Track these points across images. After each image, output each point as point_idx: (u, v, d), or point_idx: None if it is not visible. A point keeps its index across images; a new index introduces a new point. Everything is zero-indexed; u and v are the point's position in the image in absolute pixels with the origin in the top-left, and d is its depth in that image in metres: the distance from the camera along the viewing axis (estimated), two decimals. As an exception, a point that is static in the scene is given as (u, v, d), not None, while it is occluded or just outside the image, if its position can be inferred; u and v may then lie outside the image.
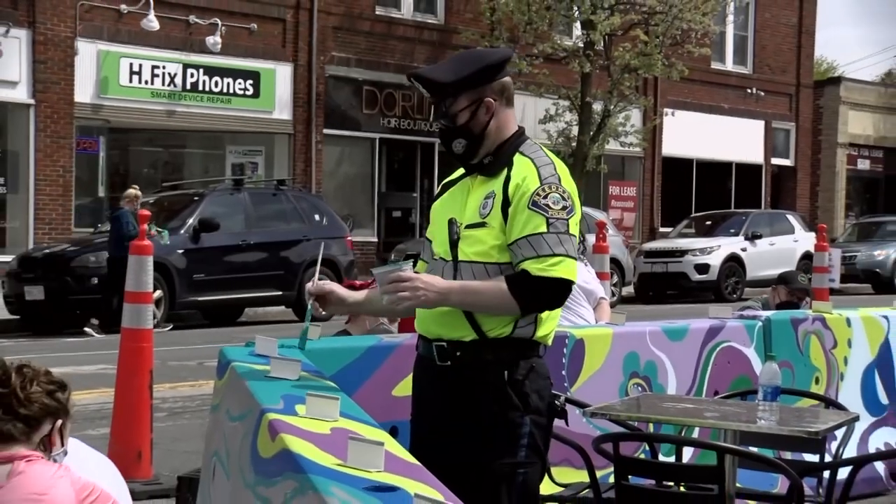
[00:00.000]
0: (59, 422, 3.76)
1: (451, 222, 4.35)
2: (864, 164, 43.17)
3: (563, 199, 4.24)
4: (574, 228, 4.26)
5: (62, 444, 3.85)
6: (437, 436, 4.37)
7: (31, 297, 18.56)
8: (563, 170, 4.35)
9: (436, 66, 4.78)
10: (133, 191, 19.26)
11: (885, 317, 8.88)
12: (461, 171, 4.56)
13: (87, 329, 17.84)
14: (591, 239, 13.46)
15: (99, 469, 4.43)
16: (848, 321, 8.57)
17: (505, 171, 4.32)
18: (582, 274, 7.30)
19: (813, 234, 24.08)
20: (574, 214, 4.27)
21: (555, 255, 4.17)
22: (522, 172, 4.29)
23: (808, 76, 40.80)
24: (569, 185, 4.31)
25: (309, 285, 4.67)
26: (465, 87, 4.34)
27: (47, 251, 19.79)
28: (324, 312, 4.82)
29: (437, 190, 4.72)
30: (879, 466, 8.23)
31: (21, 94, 23.77)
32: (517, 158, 4.34)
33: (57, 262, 18.77)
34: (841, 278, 23.85)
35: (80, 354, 14.79)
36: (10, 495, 3.45)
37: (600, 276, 11.50)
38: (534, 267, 4.17)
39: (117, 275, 18.91)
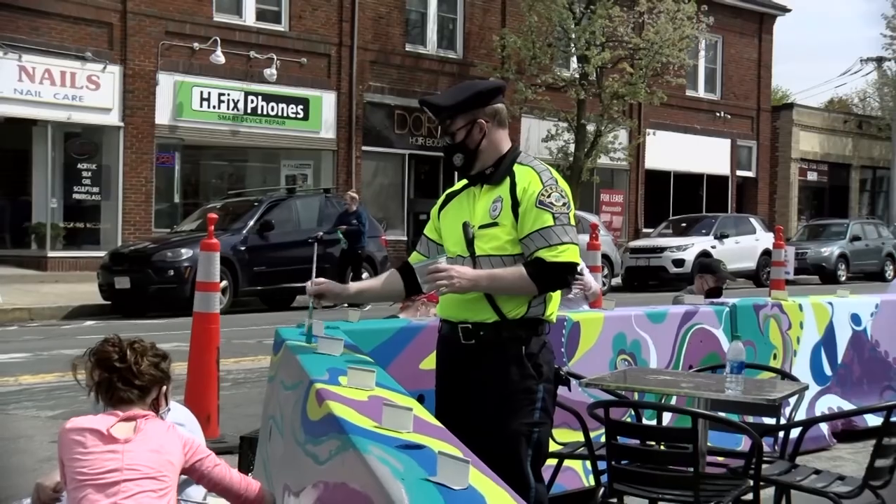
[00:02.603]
0: (164, 387, 3.86)
1: (466, 225, 4.40)
2: (812, 176, 43.12)
3: (562, 196, 4.36)
4: (573, 220, 4.38)
5: (166, 404, 4.00)
6: (460, 403, 4.39)
7: (120, 286, 18.61)
8: (557, 175, 4.46)
9: (439, 94, 4.90)
10: (354, 193, 20.30)
11: (830, 303, 8.92)
12: (462, 182, 4.63)
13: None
14: (585, 238, 13.40)
15: (189, 420, 4.51)
16: (800, 307, 8.59)
17: (508, 180, 4.39)
18: None
19: (771, 235, 23.95)
20: (571, 209, 4.38)
21: (562, 243, 4.28)
22: (526, 178, 4.37)
23: (766, 102, 40.79)
24: (564, 185, 4.43)
25: (307, 285, 4.69)
26: (461, 111, 4.44)
27: (133, 248, 19.84)
28: (324, 305, 4.85)
29: (439, 199, 4.75)
30: (824, 427, 8.30)
31: (113, 119, 23.89)
32: (517, 168, 4.42)
33: (140, 257, 18.81)
34: (794, 271, 23.72)
35: (159, 334, 14.80)
36: (139, 447, 3.52)
37: (593, 269, 11.50)
38: (547, 255, 4.26)
39: (352, 263, 19.31)
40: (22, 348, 13.92)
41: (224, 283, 17.29)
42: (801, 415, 6.71)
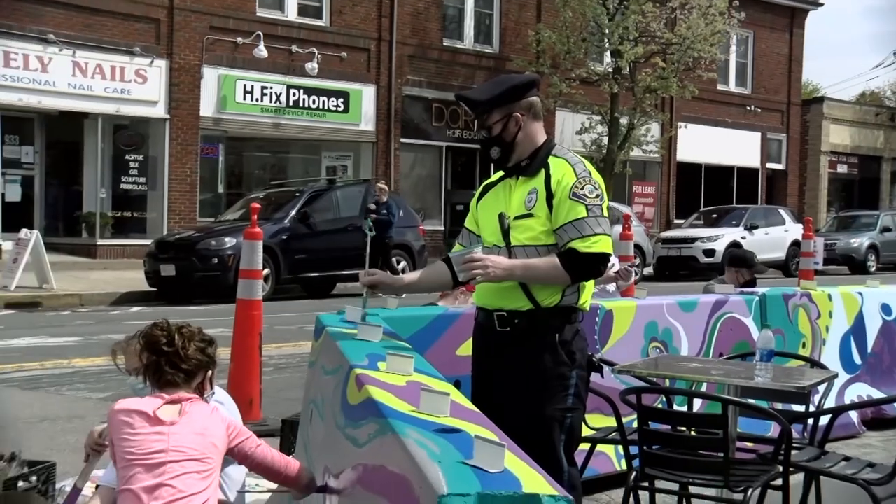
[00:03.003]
0: (210, 372, 3.89)
1: (502, 216, 4.40)
2: (842, 168, 42.72)
3: (596, 188, 4.33)
4: (606, 212, 4.35)
5: (211, 388, 4.04)
6: (496, 389, 4.40)
7: (166, 274, 18.72)
8: (591, 167, 4.43)
9: (475, 88, 4.88)
10: (383, 184, 20.60)
11: (860, 293, 8.85)
12: (499, 174, 4.61)
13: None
14: (617, 229, 13.36)
15: (227, 399, 4.57)
16: (829, 296, 8.52)
17: (543, 172, 4.38)
18: None
19: (800, 226, 23.79)
20: (605, 201, 4.36)
21: (595, 234, 4.27)
22: (560, 171, 4.35)
23: (796, 96, 40.42)
24: (598, 178, 4.40)
25: (361, 275, 4.69)
26: (497, 105, 4.42)
27: (178, 236, 19.95)
28: (380, 295, 4.85)
29: (477, 190, 4.74)
30: (853, 415, 8.24)
31: (160, 111, 24.05)
32: (552, 160, 4.40)
33: (185, 246, 18.91)
34: (823, 262, 23.55)
35: (203, 320, 14.86)
36: (184, 429, 3.55)
37: (625, 258, 11.47)
38: (580, 245, 4.24)
39: (380, 253, 19.44)
40: (74, 332, 14.06)
41: (266, 270, 17.33)
42: (830, 402, 6.68)
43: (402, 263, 20.87)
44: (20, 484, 5.09)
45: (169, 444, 3.51)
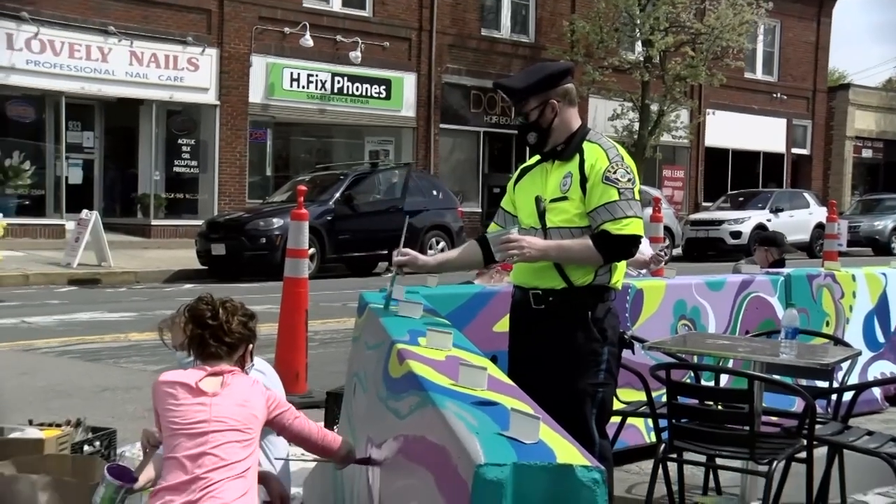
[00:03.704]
0: (251, 345, 3.86)
1: (538, 199, 4.41)
2: (867, 153, 42.21)
3: (628, 172, 4.32)
4: (637, 195, 4.34)
5: (251, 361, 3.99)
6: (531, 364, 4.40)
7: (216, 253, 18.83)
8: (623, 151, 4.42)
9: (512, 76, 4.88)
10: None
11: (884, 274, 8.77)
12: (535, 158, 4.60)
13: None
14: (648, 211, 13.29)
15: (269, 370, 4.56)
16: (853, 277, 8.45)
17: (577, 156, 4.37)
18: None
19: (824, 209, 23.58)
20: (636, 184, 4.34)
21: (626, 216, 4.26)
22: (594, 155, 4.34)
23: (822, 83, 39.94)
24: (630, 162, 4.39)
25: (394, 254, 4.69)
26: (533, 92, 4.41)
27: (228, 217, 20.03)
28: (406, 272, 4.83)
29: (514, 173, 4.73)
30: (876, 391, 8.19)
31: (210, 98, 24.16)
32: (586, 145, 4.38)
33: (235, 226, 18.99)
34: (847, 244, 23.31)
35: (252, 297, 14.96)
36: (225, 401, 3.54)
37: (655, 240, 11.42)
38: (612, 227, 4.24)
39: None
40: (130, 308, 14.18)
41: (312, 250, 17.38)
42: (853, 379, 6.63)
43: (441, 244, 20.88)
44: (86, 448, 5.17)
45: (211, 414, 3.50)
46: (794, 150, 38.80)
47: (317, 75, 25.88)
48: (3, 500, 4.47)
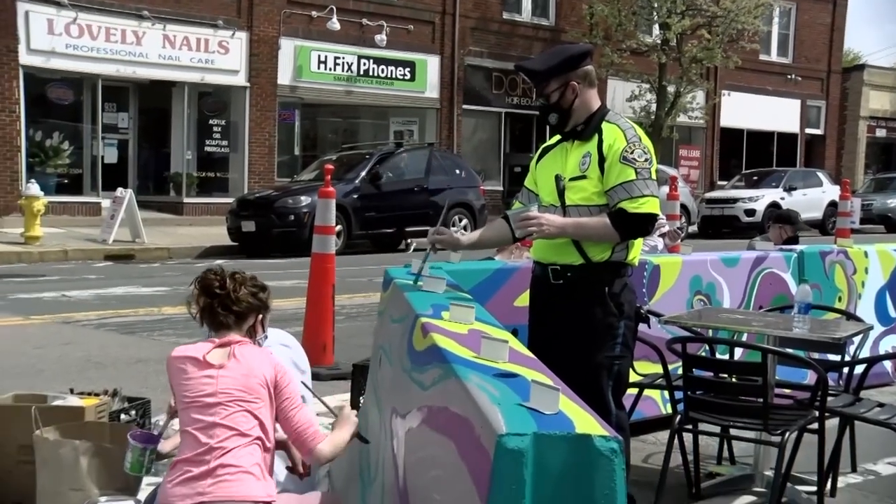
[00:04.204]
0: (261, 315, 3.81)
1: (558, 177, 4.40)
2: (881, 133, 41.72)
3: (645, 153, 4.30)
4: (654, 175, 4.32)
5: (263, 332, 3.93)
6: (550, 337, 4.41)
7: (247, 230, 18.88)
8: (641, 132, 4.41)
9: (533, 58, 4.86)
10: None
11: (896, 250, 8.71)
12: (556, 137, 4.59)
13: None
14: (665, 189, 13.24)
15: (294, 344, 4.54)
16: (866, 253, 8.40)
17: (596, 137, 4.35)
18: None
19: (837, 187, 23.41)
20: (653, 164, 4.32)
21: (643, 195, 4.25)
22: (612, 136, 4.33)
23: (837, 64, 39.55)
24: (647, 142, 4.37)
25: (429, 232, 4.69)
26: (554, 74, 4.40)
27: (257, 195, 20.07)
28: (438, 249, 4.83)
29: (536, 153, 4.72)
30: (887, 364, 8.17)
31: (240, 80, 24.18)
32: (605, 126, 4.37)
33: (265, 204, 19.03)
34: (860, 221, 23.13)
35: (281, 272, 15.03)
36: (232, 372, 3.51)
37: (672, 217, 11.38)
38: (629, 206, 4.23)
39: None
40: (163, 283, 14.26)
41: (339, 227, 17.43)
42: (864, 353, 6.59)
43: (464, 221, 20.86)
44: (122, 417, 5.21)
45: (218, 387, 3.47)
46: (808, 131, 38.51)
47: (343, 58, 25.85)
48: (49, 462, 4.54)
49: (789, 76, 37.19)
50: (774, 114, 36.41)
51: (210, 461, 3.38)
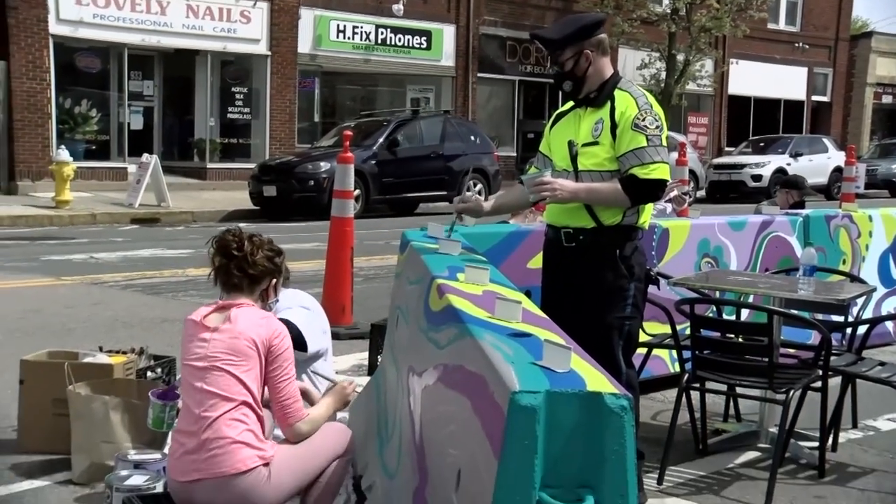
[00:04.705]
0: (274, 280, 3.73)
1: (571, 143, 4.39)
2: (887, 99, 41.22)
3: (656, 120, 4.28)
4: (664, 141, 4.29)
5: (275, 296, 3.81)
6: (562, 298, 4.41)
7: (268, 194, 18.89)
8: (652, 99, 4.38)
9: (548, 28, 4.83)
10: None
11: (900, 214, 8.67)
12: (570, 104, 4.57)
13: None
14: (674, 156, 13.17)
15: (314, 305, 4.52)
16: (870, 217, 8.36)
17: (609, 103, 4.33)
18: None
19: (842, 153, 23.26)
20: (664, 131, 4.30)
21: (654, 161, 4.23)
22: (624, 103, 4.30)
23: (845, 32, 39.07)
24: (658, 110, 4.34)
25: (455, 200, 4.74)
26: (569, 43, 4.37)
27: (278, 161, 20.06)
28: (464, 224, 4.84)
29: (549, 119, 4.70)
30: (889, 324, 8.17)
31: (262, 48, 24.09)
32: (617, 93, 4.34)
33: (285, 169, 19.03)
34: (865, 186, 22.93)
35: (301, 235, 15.06)
36: (224, 335, 3.43)
37: (680, 182, 11.32)
38: (639, 172, 4.21)
39: None
40: (187, 245, 14.29)
41: (357, 191, 17.38)
42: (867, 314, 6.57)
43: (479, 186, 20.82)
44: (148, 374, 5.25)
45: (208, 350, 3.40)
46: (815, 98, 38.20)
47: (361, 27, 25.73)
48: (82, 416, 4.59)
49: (797, 44, 36.84)
50: (782, 81, 36.12)
51: (199, 433, 3.31)
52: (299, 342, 4.33)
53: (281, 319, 3.72)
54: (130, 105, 22.64)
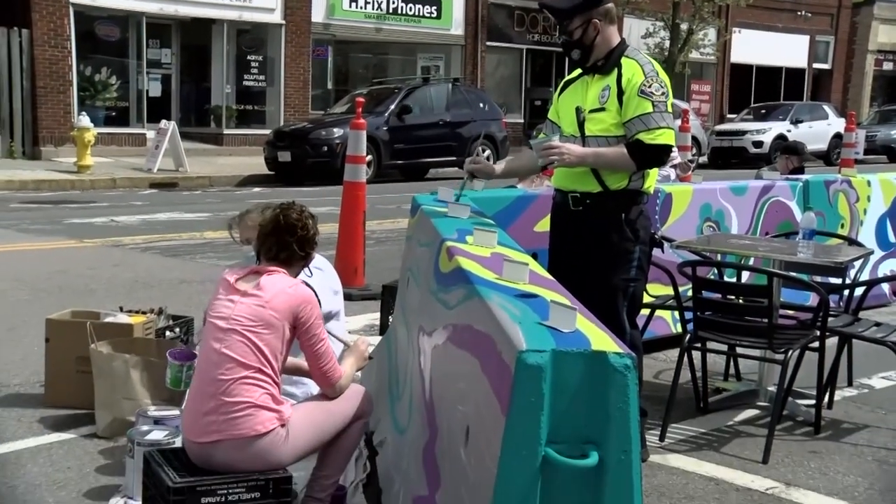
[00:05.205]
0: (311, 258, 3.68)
1: (578, 109, 4.37)
2: (888, 66, 40.74)
3: (662, 87, 4.26)
4: (670, 108, 4.27)
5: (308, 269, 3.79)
6: (569, 260, 4.41)
7: (283, 159, 18.85)
8: (658, 67, 4.36)
9: None
10: None
11: (898, 179, 8.64)
12: (577, 71, 4.54)
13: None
14: (677, 122, 13.12)
15: (327, 266, 4.52)
16: (868, 182, 8.33)
17: (616, 71, 4.31)
18: None
19: (842, 120, 23.08)
20: (669, 98, 4.28)
21: (659, 127, 4.21)
22: (631, 70, 4.28)
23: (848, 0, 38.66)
24: (664, 77, 4.32)
25: (466, 161, 4.72)
26: (577, 12, 4.34)
27: (293, 127, 20.00)
28: (473, 188, 4.81)
29: (558, 86, 4.68)
30: (885, 286, 8.16)
31: (276, 18, 23.96)
32: (624, 61, 4.32)
33: (299, 135, 18.97)
34: (864, 152, 22.78)
35: (314, 199, 15.03)
36: (251, 300, 3.36)
37: (683, 148, 11.28)
38: (645, 137, 4.20)
39: None
40: (205, 209, 14.31)
41: (369, 157, 17.32)
42: (864, 276, 6.57)
43: (487, 151, 20.74)
44: (167, 334, 5.27)
45: (233, 312, 3.34)
46: (816, 65, 37.85)
47: (374, -4, 25.62)
48: (104, 373, 4.63)
49: (799, 13, 36.46)
50: (783, 49, 35.80)
51: (217, 395, 3.27)
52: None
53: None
54: (149, 73, 22.58)
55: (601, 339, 2.38)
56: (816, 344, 4.95)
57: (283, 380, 3.53)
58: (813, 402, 5.16)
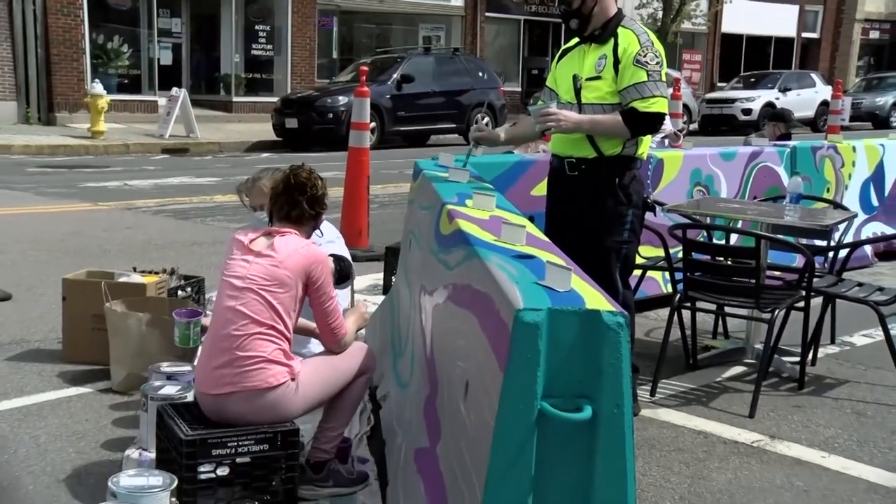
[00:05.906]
0: (321, 219, 3.68)
1: (575, 77, 4.35)
2: (874, 35, 40.51)
3: (656, 56, 4.25)
4: (664, 77, 4.27)
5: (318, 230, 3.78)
6: (565, 223, 4.41)
7: (290, 126, 18.79)
8: (653, 37, 4.34)
9: None
10: None
11: (882, 145, 8.66)
12: (575, 40, 4.51)
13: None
14: (668, 91, 13.08)
15: (338, 237, 4.51)
16: (854, 148, 8.31)
17: (612, 40, 4.28)
18: None
19: (829, 88, 22.94)
20: (663, 67, 4.27)
21: (654, 95, 4.21)
22: (627, 40, 4.26)
23: (838, -31, 38.28)
24: (659, 47, 4.31)
25: (472, 129, 4.77)
26: None
27: (299, 95, 19.92)
28: (475, 154, 4.83)
29: (556, 54, 4.65)
30: (867, 248, 8.21)
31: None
32: (620, 31, 4.30)
33: (306, 103, 18.90)
34: (850, 119, 22.68)
35: (320, 164, 14.95)
36: (265, 261, 3.36)
37: (674, 115, 11.23)
38: (640, 105, 4.19)
39: None
40: (214, 174, 14.27)
41: (373, 124, 17.30)
42: (848, 238, 6.56)
43: (486, 119, 20.67)
44: (179, 293, 5.28)
45: (248, 271, 3.34)
46: (805, 35, 37.59)
47: (378, -31, 25.43)
48: (119, 331, 4.64)
49: (789, -17, 36.19)
50: (773, 19, 35.55)
51: (231, 350, 3.28)
52: (347, 274, 4.17)
53: (333, 255, 3.66)
54: (160, 41, 22.42)
55: (595, 299, 2.38)
56: (802, 303, 4.96)
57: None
58: (797, 359, 5.19)
